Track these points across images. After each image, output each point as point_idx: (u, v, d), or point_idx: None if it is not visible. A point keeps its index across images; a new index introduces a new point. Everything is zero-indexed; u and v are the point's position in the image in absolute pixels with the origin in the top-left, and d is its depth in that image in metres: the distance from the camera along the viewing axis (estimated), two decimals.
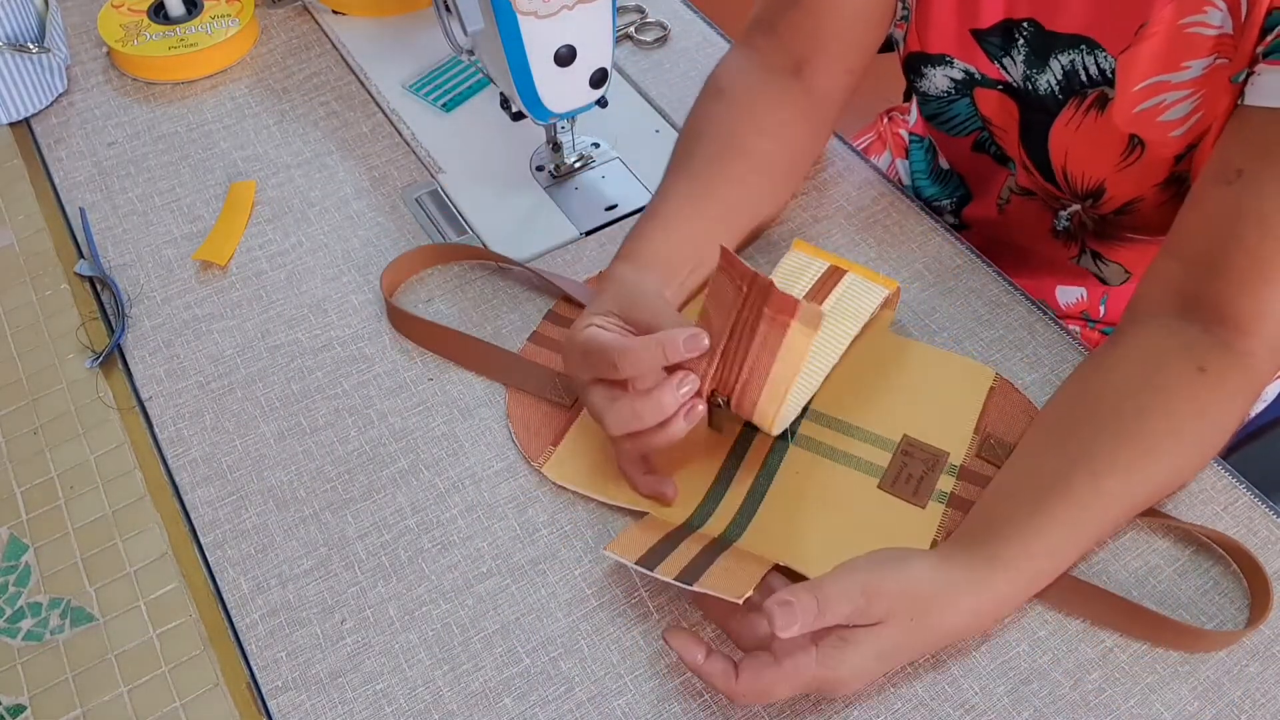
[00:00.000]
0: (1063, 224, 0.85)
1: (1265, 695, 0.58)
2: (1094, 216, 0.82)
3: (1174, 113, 0.69)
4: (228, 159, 0.89)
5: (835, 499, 0.65)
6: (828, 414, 0.69)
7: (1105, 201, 0.78)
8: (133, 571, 0.64)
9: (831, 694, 0.57)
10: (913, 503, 0.64)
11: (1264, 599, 0.60)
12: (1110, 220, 0.81)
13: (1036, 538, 0.59)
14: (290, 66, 0.97)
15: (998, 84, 0.77)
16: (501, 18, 0.71)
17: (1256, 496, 0.65)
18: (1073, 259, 0.87)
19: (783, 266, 0.71)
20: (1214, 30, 0.65)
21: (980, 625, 0.59)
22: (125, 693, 0.60)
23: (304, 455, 0.69)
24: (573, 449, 0.68)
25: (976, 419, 0.68)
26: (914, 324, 0.75)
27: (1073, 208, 0.82)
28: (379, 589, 0.63)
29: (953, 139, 0.86)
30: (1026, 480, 0.62)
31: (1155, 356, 0.64)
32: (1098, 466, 0.60)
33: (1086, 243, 0.85)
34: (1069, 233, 0.85)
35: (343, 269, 0.80)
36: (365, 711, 0.59)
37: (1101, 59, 0.70)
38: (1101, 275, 0.87)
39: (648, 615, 0.62)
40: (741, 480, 0.66)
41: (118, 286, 0.79)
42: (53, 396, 0.73)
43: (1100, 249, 0.85)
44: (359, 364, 0.74)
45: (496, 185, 0.85)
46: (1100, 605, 0.61)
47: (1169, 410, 0.62)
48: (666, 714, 0.58)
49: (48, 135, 0.91)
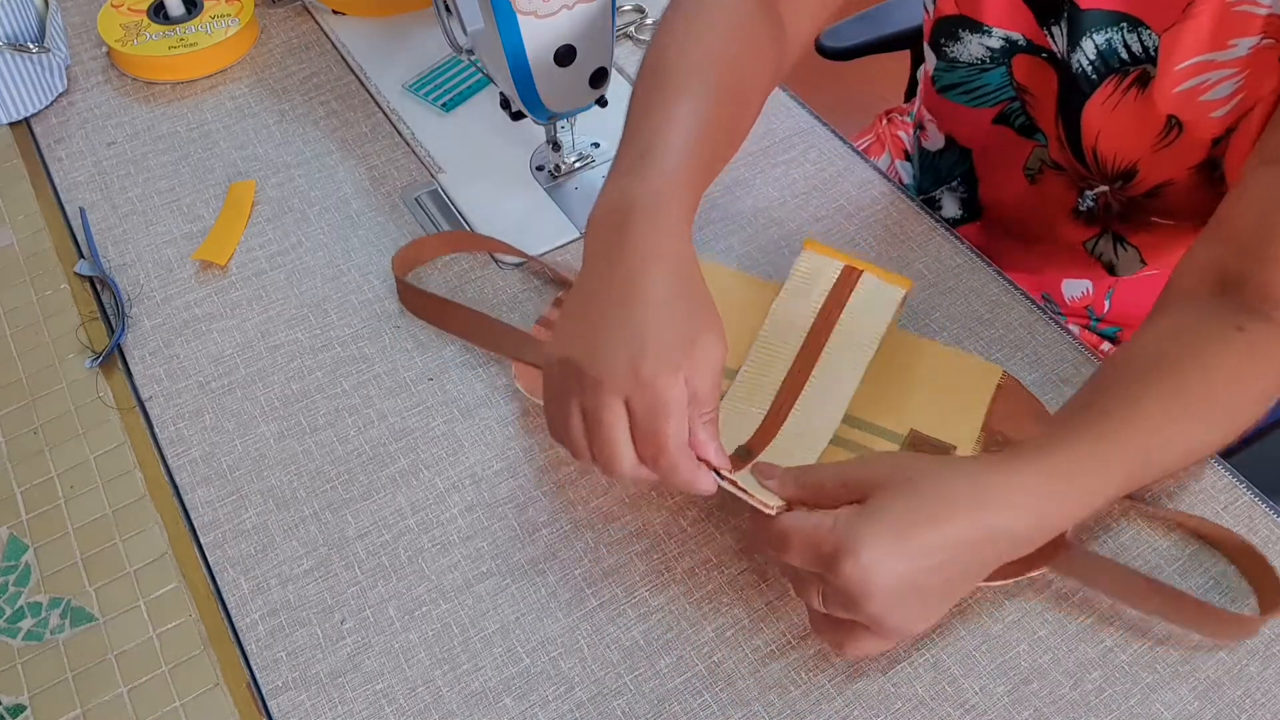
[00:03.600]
0: (1087, 204, 0.83)
1: (1265, 695, 0.58)
2: (1122, 199, 0.80)
3: (1217, 92, 0.69)
4: (228, 159, 0.89)
5: None
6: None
7: (1137, 183, 0.77)
8: (133, 571, 0.64)
9: (853, 594, 0.51)
10: None
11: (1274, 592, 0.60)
12: (1138, 203, 0.79)
13: (1063, 451, 0.54)
14: (290, 66, 0.97)
15: (1042, 51, 0.76)
16: (501, 18, 0.71)
17: (1257, 496, 0.65)
18: (1089, 241, 0.85)
19: (798, 269, 0.72)
20: (1264, 10, 0.65)
21: (1011, 527, 0.52)
22: (125, 693, 0.60)
23: (304, 455, 0.69)
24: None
25: (984, 415, 0.68)
26: (914, 323, 0.75)
27: (1099, 188, 0.81)
28: (379, 589, 0.63)
29: (972, 110, 0.84)
30: (1062, 420, 0.59)
31: (1193, 323, 0.61)
32: (1130, 415, 0.56)
33: (1111, 225, 0.83)
34: (1091, 214, 0.84)
35: (343, 269, 0.80)
36: (365, 711, 0.59)
37: (1145, 36, 0.70)
38: (1115, 264, 0.86)
39: (648, 615, 0.62)
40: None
41: (118, 286, 0.79)
42: (53, 396, 0.73)
43: (1124, 231, 0.83)
44: (359, 364, 0.74)
45: (496, 185, 0.85)
46: (1136, 587, 0.59)
47: (1205, 367, 0.58)
48: (666, 714, 0.58)
49: (48, 135, 0.91)
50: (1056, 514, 0.54)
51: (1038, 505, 0.53)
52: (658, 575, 0.63)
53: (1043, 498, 0.53)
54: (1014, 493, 0.53)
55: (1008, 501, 0.52)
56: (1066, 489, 0.54)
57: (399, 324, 0.76)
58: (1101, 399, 0.58)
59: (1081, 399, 0.60)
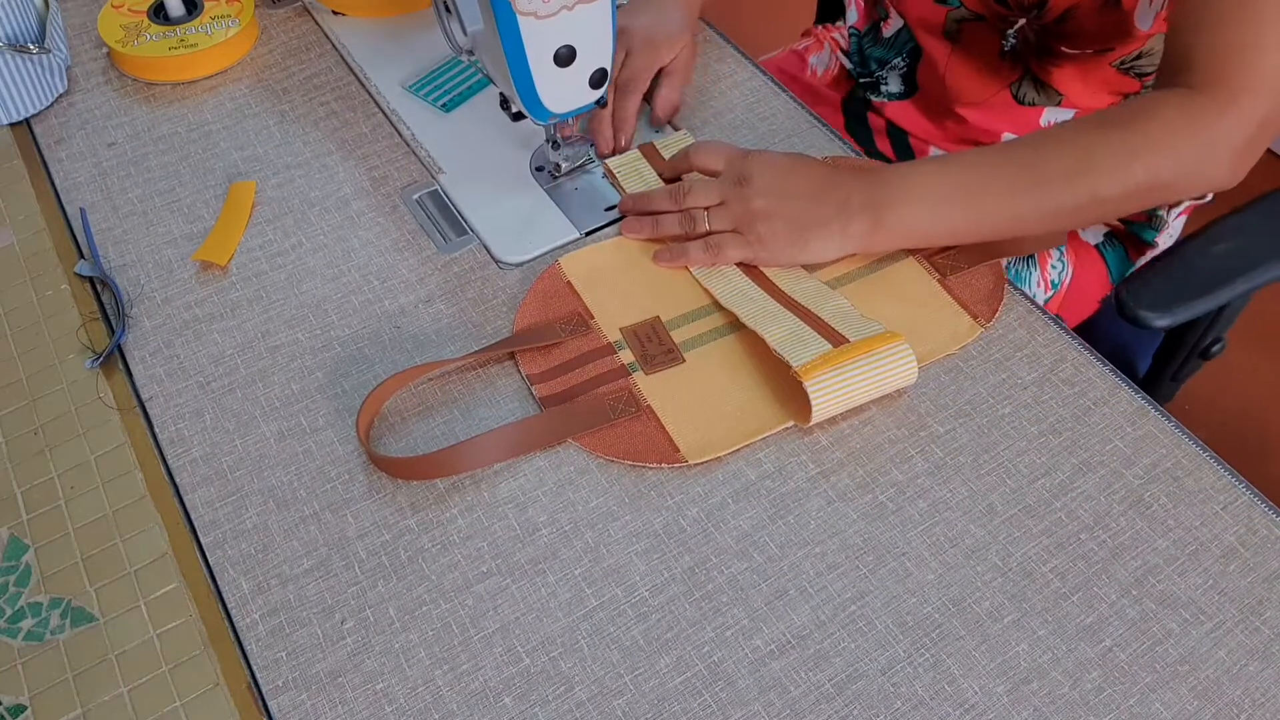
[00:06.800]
0: (1009, 43, 0.92)
1: (1265, 695, 0.58)
2: (1037, 28, 0.89)
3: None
4: (228, 159, 0.89)
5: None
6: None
7: (1048, 10, 0.86)
8: (133, 571, 0.64)
9: (748, 172, 0.75)
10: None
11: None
12: (1050, 32, 0.88)
13: (953, 163, 0.73)
14: (290, 67, 0.97)
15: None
16: (501, 18, 0.71)
17: (1256, 496, 0.65)
18: (1013, 85, 0.94)
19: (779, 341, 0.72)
20: None
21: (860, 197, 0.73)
22: (125, 693, 0.60)
23: (304, 455, 0.69)
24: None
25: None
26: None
27: (1019, 23, 0.89)
28: (379, 589, 0.63)
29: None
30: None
31: (1145, 97, 0.73)
32: (1065, 148, 0.72)
33: (1029, 64, 0.92)
34: (1015, 53, 0.92)
35: (343, 269, 0.80)
36: (365, 711, 0.59)
37: None
38: (1038, 104, 0.95)
39: (648, 615, 0.62)
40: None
41: (118, 287, 0.79)
42: (53, 397, 0.73)
43: (1039, 72, 0.92)
44: (359, 364, 0.74)
45: (496, 185, 0.85)
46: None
47: (1150, 114, 0.70)
48: (666, 714, 0.58)
49: (48, 136, 0.91)
50: (891, 199, 0.73)
51: (877, 191, 0.73)
52: (658, 575, 0.63)
53: (879, 185, 0.74)
54: (865, 173, 0.74)
55: (858, 179, 0.74)
56: (914, 184, 0.73)
57: (399, 324, 0.76)
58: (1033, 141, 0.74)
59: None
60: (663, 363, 0.73)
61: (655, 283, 0.77)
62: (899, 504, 0.66)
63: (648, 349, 0.73)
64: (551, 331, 0.74)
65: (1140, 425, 0.69)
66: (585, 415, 0.70)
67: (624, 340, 0.74)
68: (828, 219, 0.74)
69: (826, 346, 0.68)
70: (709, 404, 0.70)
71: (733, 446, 0.68)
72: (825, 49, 1.14)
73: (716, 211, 0.77)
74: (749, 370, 0.72)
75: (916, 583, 0.63)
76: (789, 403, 0.70)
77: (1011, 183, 0.72)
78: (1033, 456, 0.68)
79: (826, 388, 0.67)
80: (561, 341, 0.74)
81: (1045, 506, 0.66)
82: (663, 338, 0.74)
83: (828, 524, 0.65)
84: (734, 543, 0.64)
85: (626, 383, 0.72)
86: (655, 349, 0.73)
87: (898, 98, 1.04)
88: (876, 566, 0.63)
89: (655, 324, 0.75)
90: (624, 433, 0.69)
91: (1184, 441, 0.68)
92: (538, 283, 0.77)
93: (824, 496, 0.66)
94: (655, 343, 0.74)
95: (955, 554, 0.64)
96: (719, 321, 0.75)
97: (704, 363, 0.73)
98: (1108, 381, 0.71)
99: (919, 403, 0.70)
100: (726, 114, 0.91)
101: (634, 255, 0.79)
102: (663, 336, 0.74)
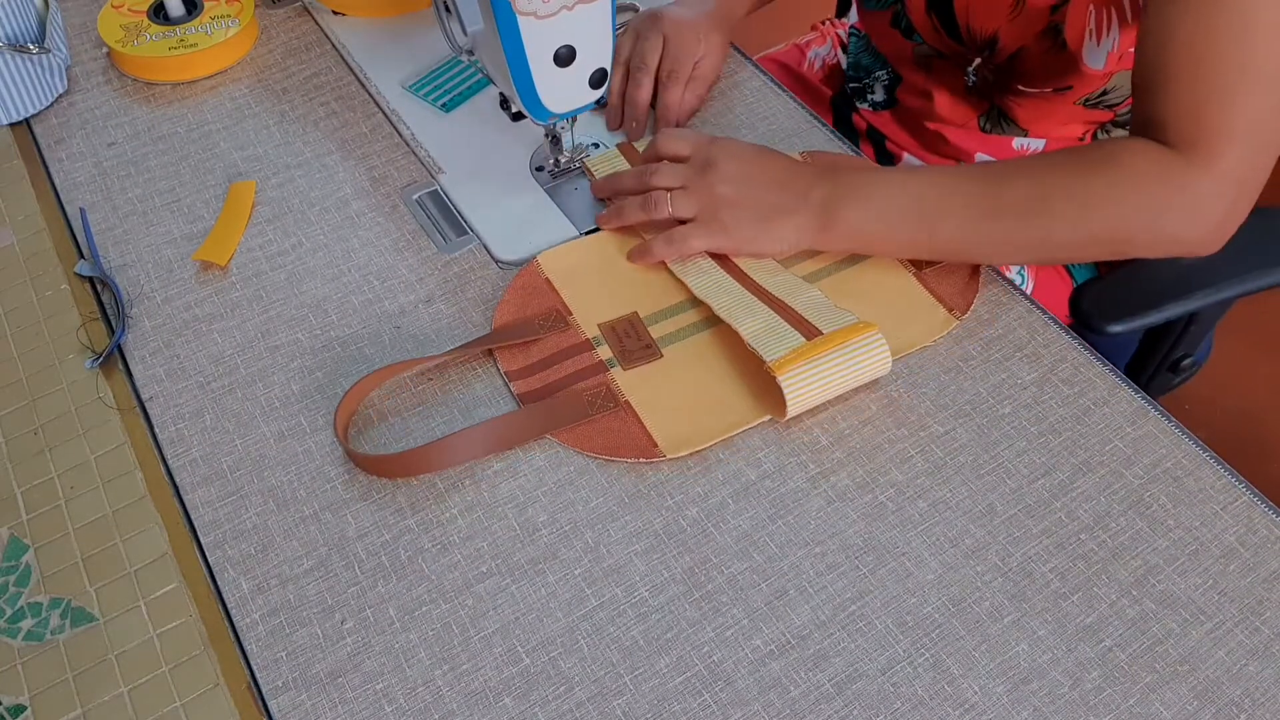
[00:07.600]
0: (971, 80, 0.93)
1: (1265, 695, 0.58)
2: (993, 67, 0.90)
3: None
4: (228, 159, 0.89)
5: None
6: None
7: (999, 51, 0.87)
8: (133, 571, 0.64)
9: (713, 157, 0.77)
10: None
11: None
12: (1005, 70, 0.89)
13: (911, 177, 0.73)
14: (290, 67, 0.97)
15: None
16: (501, 18, 0.71)
17: (1256, 496, 0.65)
18: (981, 118, 0.96)
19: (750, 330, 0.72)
20: None
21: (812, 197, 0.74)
22: (125, 693, 0.60)
23: (304, 455, 0.69)
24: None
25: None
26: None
27: (976, 61, 0.91)
28: (379, 589, 0.63)
29: (873, 14, 0.99)
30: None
31: (1119, 142, 0.72)
32: (1022, 184, 0.71)
33: (993, 98, 0.94)
34: (979, 89, 0.94)
35: (343, 269, 0.80)
36: (365, 711, 0.59)
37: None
38: (1009, 133, 0.95)
39: (647, 615, 0.62)
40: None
41: (118, 287, 0.79)
42: (53, 397, 0.73)
43: (1003, 105, 0.93)
44: (359, 364, 0.74)
45: (496, 185, 0.85)
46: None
47: (1120, 163, 0.70)
48: (666, 714, 0.58)
49: (48, 135, 0.91)
50: (846, 200, 0.74)
51: (836, 190, 0.74)
52: (657, 575, 0.63)
53: (839, 185, 0.74)
54: (830, 171, 0.76)
55: (821, 175, 0.75)
56: (873, 191, 0.74)
57: (399, 324, 0.76)
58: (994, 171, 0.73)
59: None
60: (641, 358, 0.73)
61: (633, 279, 0.78)
62: (899, 504, 0.66)
63: (626, 345, 0.73)
64: (530, 328, 0.74)
65: (1140, 425, 0.69)
66: (564, 411, 0.70)
67: (602, 336, 0.74)
68: (790, 209, 0.75)
69: (800, 340, 0.69)
70: (687, 399, 0.71)
71: (710, 441, 0.68)
72: (828, 43, 1.15)
73: (680, 195, 0.77)
74: (726, 365, 0.72)
75: (916, 583, 0.63)
76: (765, 396, 0.70)
77: (968, 207, 0.71)
78: (1033, 456, 0.68)
79: (800, 382, 0.67)
80: (540, 338, 0.74)
81: (1045, 506, 0.66)
82: (641, 333, 0.74)
83: (828, 524, 0.65)
84: (734, 543, 0.64)
85: (605, 378, 0.72)
86: (633, 345, 0.73)
87: (881, 107, 1.05)
88: (876, 566, 0.63)
89: (633, 320, 0.75)
90: (602, 428, 0.69)
91: (1184, 441, 0.68)
92: (516, 279, 0.78)
93: (824, 496, 0.66)
94: (633, 338, 0.74)
95: (955, 554, 0.64)
96: (696, 317, 0.75)
97: (682, 358, 0.73)
98: (1108, 381, 0.71)
99: (919, 403, 0.70)
100: (726, 114, 0.91)
101: (612, 252, 0.79)
102: (641, 332, 0.74)
